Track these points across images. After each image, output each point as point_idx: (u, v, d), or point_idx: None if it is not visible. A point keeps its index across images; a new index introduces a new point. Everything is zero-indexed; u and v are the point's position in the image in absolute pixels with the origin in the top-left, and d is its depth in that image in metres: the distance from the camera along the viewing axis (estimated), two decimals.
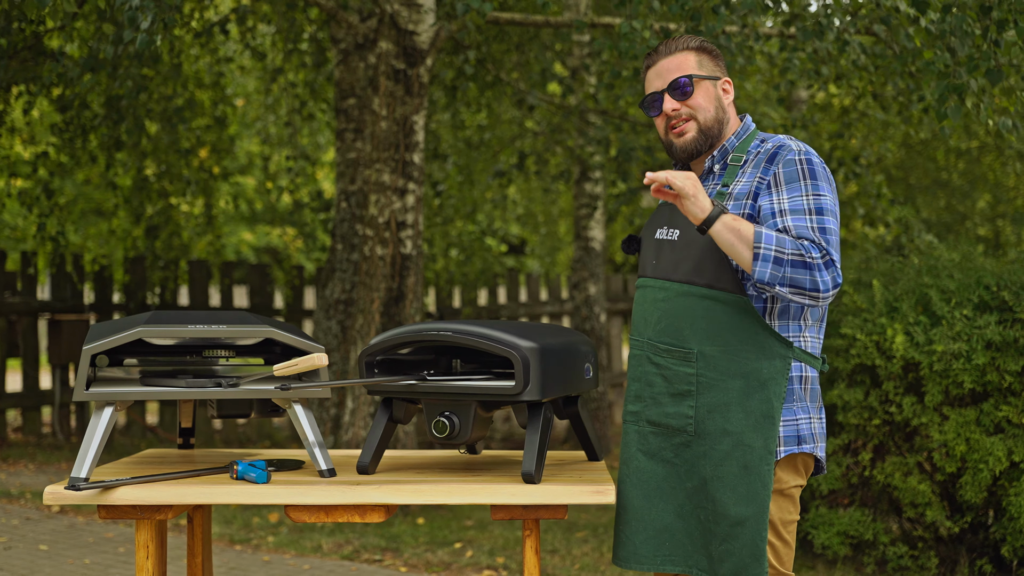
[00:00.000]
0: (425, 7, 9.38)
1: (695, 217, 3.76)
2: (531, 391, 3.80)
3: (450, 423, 3.93)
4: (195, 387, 3.98)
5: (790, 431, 3.94)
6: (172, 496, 3.78)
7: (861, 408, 7.32)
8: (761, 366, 3.90)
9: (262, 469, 3.88)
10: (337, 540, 8.65)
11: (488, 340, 3.85)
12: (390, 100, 9.26)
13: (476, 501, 3.80)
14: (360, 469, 4.07)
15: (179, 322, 3.96)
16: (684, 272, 3.98)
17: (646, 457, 4.06)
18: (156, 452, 4.73)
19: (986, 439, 6.84)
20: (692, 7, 7.20)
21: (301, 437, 4.01)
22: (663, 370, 4.01)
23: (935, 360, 6.92)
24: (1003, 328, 6.88)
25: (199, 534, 4.59)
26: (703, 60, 4.13)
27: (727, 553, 3.90)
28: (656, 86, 4.12)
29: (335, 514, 3.84)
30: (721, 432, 3.91)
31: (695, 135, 4.06)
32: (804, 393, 3.98)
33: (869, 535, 7.37)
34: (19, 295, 13.59)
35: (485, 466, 4.27)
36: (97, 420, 3.85)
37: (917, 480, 7.16)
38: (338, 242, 9.83)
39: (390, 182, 9.31)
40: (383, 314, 9.31)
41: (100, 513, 3.84)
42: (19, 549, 8.38)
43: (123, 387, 3.93)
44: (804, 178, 3.91)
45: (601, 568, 7.81)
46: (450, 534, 8.83)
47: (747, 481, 3.88)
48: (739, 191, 3.98)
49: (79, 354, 13.86)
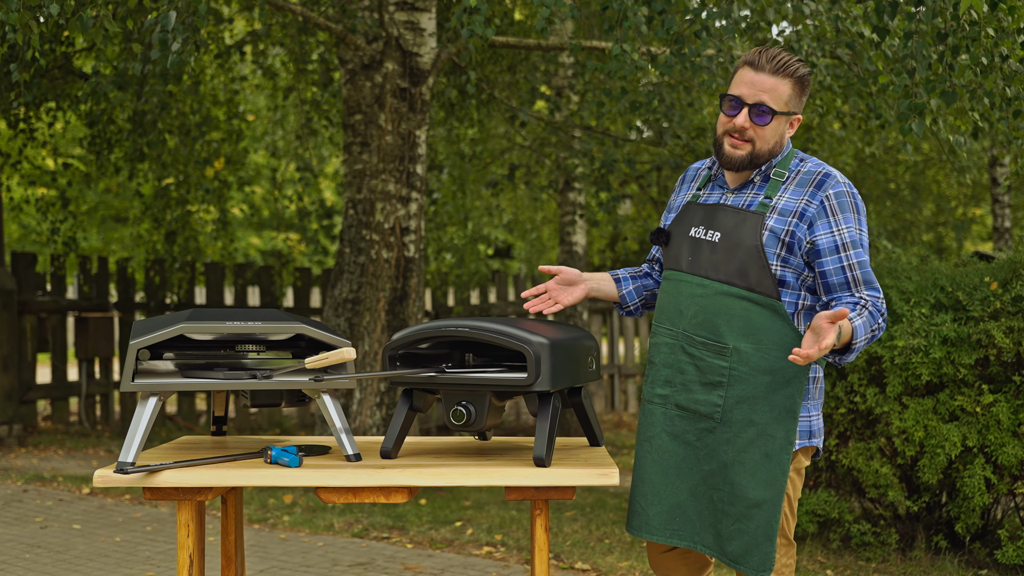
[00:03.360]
0: (428, 31, 9.37)
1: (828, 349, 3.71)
2: (542, 382, 3.80)
3: (467, 411, 3.93)
4: (233, 379, 3.97)
5: (803, 426, 4.04)
6: (212, 479, 3.77)
7: (829, 398, 7.35)
8: (788, 365, 3.94)
9: (294, 454, 3.87)
10: (348, 519, 8.63)
11: (504, 336, 3.85)
12: (395, 116, 9.25)
13: (492, 483, 3.79)
14: (383, 454, 4.06)
15: (218, 319, 3.95)
16: (726, 274, 3.99)
17: (670, 437, 4.09)
18: (191, 439, 4.71)
19: (943, 426, 6.85)
20: (676, 32, 7.21)
21: (329, 424, 4.00)
22: (696, 360, 4.03)
23: (896, 354, 6.93)
24: (958, 325, 6.90)
25: (232, 514, 4.58)
26: (794, 94, 4.02)
27: (740, 532, 3.95)
28: (743, 92, 3.98)
29: (362, 495, 3.83)
30: (747, 422, 3.95)
31: (745, 156, 4.01)
32: (816, 392, 4.08)
33: (835, 514, 7.39)
34: (48, 294, 13.56)
35: (496, 451, 4.27)
36: (143, 409, 3.84)
37: (879, 464, 7.18)
38: (346, 246, 9.82)
39: (395, 191, 9.30)
40: (388, 312, 9.30)
41: (145, 494, 3.83)
42: (54, 528, 8.35)
43: (166, 379, 3.92)
44: (855, 212, 3.98)
45: (591, 544, 7.81)
46: (451, 513, 8.82)
47: (767, 468, 3.94)
48: (784, 206, 3.98)
49: (104, 349, 13.86)
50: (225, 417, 4.75)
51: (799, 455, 4.08)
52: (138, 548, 7.72)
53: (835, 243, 3.94)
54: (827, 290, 3.99)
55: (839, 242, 3.93)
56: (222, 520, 4.59)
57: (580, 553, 7.56)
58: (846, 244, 3.93)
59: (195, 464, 3.83)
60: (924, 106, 7.37)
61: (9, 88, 10.72)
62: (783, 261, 3.96)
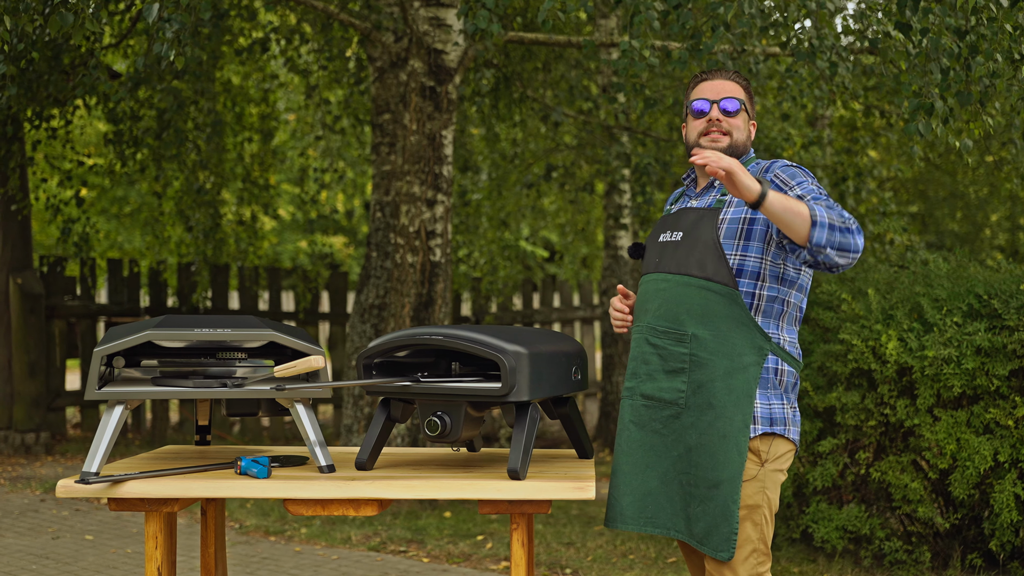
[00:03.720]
0: (454, 28, 9.40)
1: (748, 190, 3.89)
2: (517, 392, 3.83)
3: (442, 422, 3.95)
4: (202, 387, 4.01)
5: (764, 412, 4.17)
6: (177, 490, 3.82)
7: (858, 410, 7.31)
8: (744, 351, 4.16)
9: (264, 465, 3.91)
10: (366, 532, 8.68)
11: (476, 344, 3.88)
12: (420, 115, 9.28)
13: (464, 496, 3.82)
14: (358, 465, 4.10)
15: (187, 326, 3.99)
16: (686, 267, 4.22)
17: (637, 428, 4.28)
18: (173, 448, 4.76)
19: (975, 439, 6.81)
20: (692, 27, 7.20)
21: (302, 435, 4.04)
22: (659, 350, 4.25)
23: (927, 365, 6.90)
24: (992, 334, 6.85)
25: (212, 526, 4.63)
26: (747, 98, 4.45)
27: (703, 513, 4.13)
28: (708, 96, 4.38)
29: (330, 507, 3.86)
30: (707, 405, 4.15)
31: (725, 147, 4.34)
32: (779, 384, 4.23)
33: (866, 530, 7.35)
34: (78, 299, 13.69)
35: (481, 463, 4.29)
36: (108, 418, 3.89)
37: (911, 477, 7.14)
38: (373, 250, 9.87)
39: (420, 193, 9.33)
40: (413, 318, 9.33)
41: (110, 505, 3.87)
42: (66, 539, 8.45)
43: (133, 387, 3.97)
44: (805, 175, 4.23)
45: (613, 560, 7.81)
46: (474, 527, 8.84)
47: (724, 448, 4.12)
48: (739, 199, 4.18)
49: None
50: (209, 426, 4.80)
51: (775, 448, 4.20)
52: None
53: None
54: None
55: (794, 196, 4.10)
56: (201, 532, 4.64)
57: (599, 569, 7.57)
58: (802, 197, 4.09)
59: (161, 475, 3.88)
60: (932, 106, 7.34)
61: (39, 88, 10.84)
62: (742, 250, 4.19)
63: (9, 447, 12.53)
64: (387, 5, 10.03)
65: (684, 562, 4.57)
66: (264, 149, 14.67)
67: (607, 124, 12.48)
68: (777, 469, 4.21)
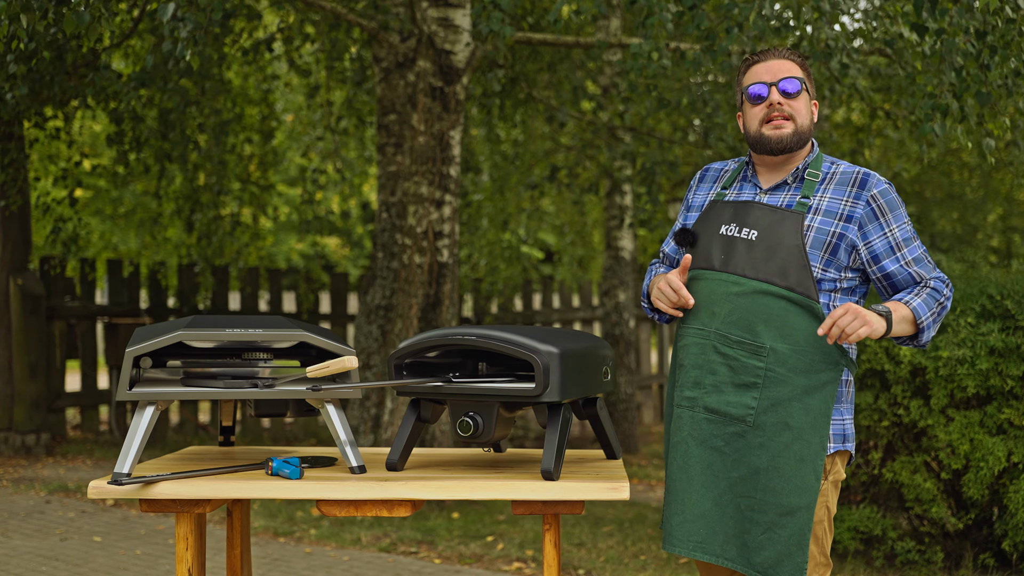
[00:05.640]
0: (461, 28, 9.39)
1: (878, 333, 3.87)
2: (550, 392, 3.80)
3: (474, 423, 3.93)
4: (232, 388, 3.99)
5: (837, 429, 4.05)
6: (210, 491, 3.80)
7: (871, 410, 7.31)
8: (822, 367, 3.98)
9: (295, 466, 3.89)
10: (376, 533, 8.67)
11: (510, 344, 3.85)
12: (428, 116, 9.28)
13: (498, 496, 3.80)
14: (389, 466, 4.07)
15: (218, 326, 3.98)
16: (765, 272, 4.01)
17: (696, 443, 4.05)
18: (198, 449, 4.75)
19: (988, 439, 6.82)
20: (707, 27, 7.19)
21: (333, 435, 4.02)
22: (730, 360, 4.02)
23: (940, 365, 6.90)
24: (1006, 335, 6.86)
25: (238, 527, 4.61)
26: (806, 76, 4.18)
27: (770, 541, 3.94)
28: (765, 79, 4.12)
29: (364, 508, 3.84)
30: (782, 426, 3.95)
31: (791, 133, 4.08)
32: (847, 396, 4.10)
33: (878, 531, 7.35)
34: (78, 300, 13.66)
35: (510, 464, 4.27)
36: (139, 419, 3.87)
37: (923, 478, 7.15)
38: (379, 250, 9.86)
39: (427, 194, 9.33)
40: (420, 319, 9.32)
41: (141, 507, 3.86)
42: (74, 540, 8.43)
43: (164, 387, 3.95)
44: (901, 207, 4.10)
45: (625, 561, 7.81)
46: (483, 528, 8.84)
47: (802, 473, 3.94)
48: (827, 207, 4.05)
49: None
50: (233, 427, 4.78)
51: (836, 462, 4.08)
52: (159, 561, 7.78)
53: (890, 244, 4.04)
54: (894, 289, 4.10)
55: (893, 243, 4.04)
56: (227, 533, 4.62)
57: (612, 570, 7.57)
58: (899, 244, 4.04)
59: (192, 475, 3.86)
60: (947, 107, 7.34)
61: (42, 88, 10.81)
62: (826, 263, 4.01)
63: (10, 448, 12.49)
64: (394, 5, 10.01)
65: (697, 568, 4.38)
66: (264, 150, 14.64)
67: (611, 124, 12.47)
68: (837, 480, 4.10)
